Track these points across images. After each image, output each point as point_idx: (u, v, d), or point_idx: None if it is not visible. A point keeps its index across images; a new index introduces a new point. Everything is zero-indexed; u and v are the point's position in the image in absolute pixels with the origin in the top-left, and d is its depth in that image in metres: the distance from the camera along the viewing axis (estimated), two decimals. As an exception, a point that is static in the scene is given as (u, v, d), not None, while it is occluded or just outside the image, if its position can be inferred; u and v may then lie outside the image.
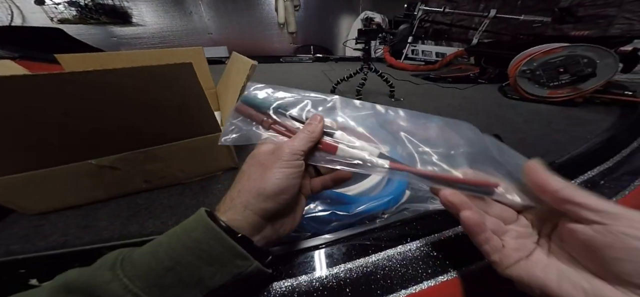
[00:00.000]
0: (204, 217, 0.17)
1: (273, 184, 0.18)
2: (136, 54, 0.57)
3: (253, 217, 0.18)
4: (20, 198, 0.34)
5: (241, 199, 0.18)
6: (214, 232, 0.16)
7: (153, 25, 2.07)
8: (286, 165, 0.18)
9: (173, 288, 0.15)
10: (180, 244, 0.16)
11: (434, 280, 0.21)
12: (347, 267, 0.22)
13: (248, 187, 0.18)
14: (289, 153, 0.19)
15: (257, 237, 0.18)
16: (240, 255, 0.16)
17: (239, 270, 0.16)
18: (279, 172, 0.18)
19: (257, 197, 0.18)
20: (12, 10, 1.60)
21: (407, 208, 0.32)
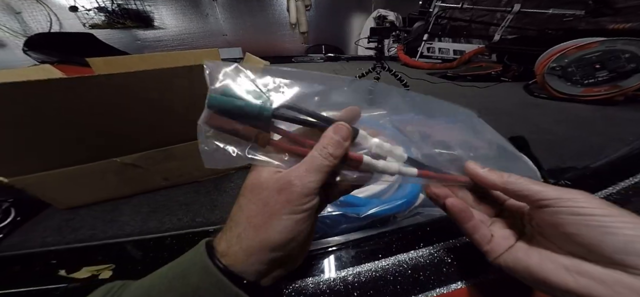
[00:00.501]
0: (204, 261, 0.14)
1: (280, 235, 0.15)
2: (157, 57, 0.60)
3: (259, 266, 0.15)
4: (55, 193, 0.37)
5: (241, 245, 0.15)
6: (215, 278, 0.14)
7: (173, 28, 2.18)
8: (298, 210, 0.15)
9: None
10: (178, 287, 0.14)
11: (446, 288, 0.20)
12: (355, 271, 0.22)
13: (250, 235, 0.15)
14: (301, 194, 0.15)
15: (265, 280, 0.16)
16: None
17: None
18: (288, 220, 0.15)
19: (260, 249, 0.15)
20: (51, 17, 1.75)
21: (421, 212, 0.31)
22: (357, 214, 0.26)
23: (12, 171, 0.32)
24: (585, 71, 0.77)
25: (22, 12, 1.67)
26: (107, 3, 1.84)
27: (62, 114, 0.30)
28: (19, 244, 0.32)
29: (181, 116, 0.36)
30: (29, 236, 0.34)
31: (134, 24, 1.98)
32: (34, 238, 0.33)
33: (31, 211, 0.38)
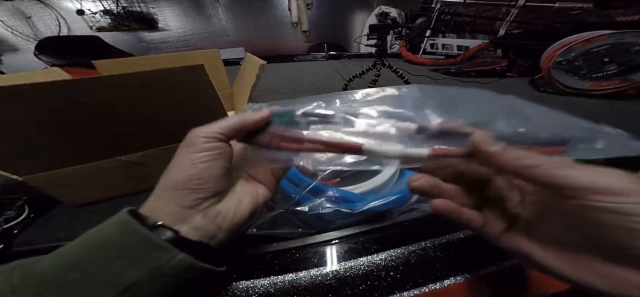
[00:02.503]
0: (121, 212, 0.15)
1: (179, 170, 0.17)
2: (160, 58, 0.62)
3: (172, 206, 0.16)
4: (66, 190, 0.38)
5: (157, 188, 0.17)
6: (126, 222, 0.15)
7: (177, 30, 2.21)
8: (197, 148, 0.17)
9: (76, 287, 0.13)
10: (91, 239, 0.15)
11: (439, 283, 0.21)
12: (348, 265, 0.22)
13: (160, 181, 0.17)
14: (200, 137, 0.17)
15: (184, 228, 0.16)
16: (157, 246, 0.14)
17: (157, 262, 0.14)
18: (185, 157, 0.17)
19: (165, 189, 0.17)
20: (59, 21, 1.80)
21: (417, 208, 0.31)
22: (352, 210, 0.26)
23: (25, 169, 0.34)
24: (593, 65, 0.75)
25: (32, 17, 1.72)
26: (113, 6, 1.88)
27: (72, 114, 0.31)
28: (33, 239, 0.34)
29: (183, 115, 0.37)
30: (41, 231, 0.35)
31: (139, 26, 2.02)
32: (47, 233, 0.35)
33: (43, 207, 0.39)
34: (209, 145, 0.17)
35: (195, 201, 0.17)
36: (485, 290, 0.21)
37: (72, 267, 0.13)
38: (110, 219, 0.16)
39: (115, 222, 0.15)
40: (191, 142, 0.18)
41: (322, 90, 0.93)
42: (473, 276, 0.21)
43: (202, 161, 0.17)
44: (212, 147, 0.18)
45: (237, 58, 1.57)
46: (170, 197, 0.16)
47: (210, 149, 0.17)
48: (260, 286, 0.21)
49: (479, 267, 0.22)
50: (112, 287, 0.13)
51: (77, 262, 0.14)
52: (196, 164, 0.17)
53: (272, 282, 0.21)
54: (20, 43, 1.75)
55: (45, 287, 0.13)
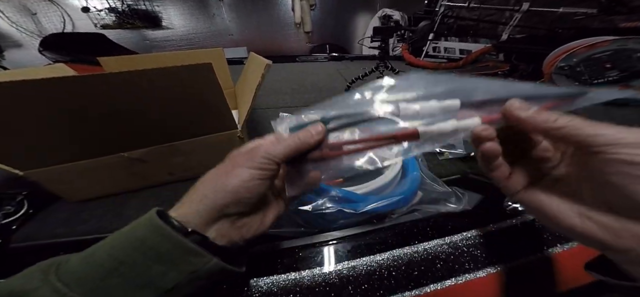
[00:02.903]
0: (151, 215, 0.16)
1: (236, 181, 0.17)
2: (164, 56, 0.62)
3: (207, 211, 0.17)
4: (66, 186, 0.38)
5: (198, 192, 0.17)
6: (160, 228, 0.15)
7: (180, 28, 2.22)
8: (256, 165, 0.18)
9: (118, 290, 0.14)
10: (125, 242, 0.15)
11: (440, 284, 0.21)
12: (350, 265, 0.22)
13: (210, 179, 0.18)
14: (262, 156, 0.18)
15: (212, 233, 0.17)
16: (193, 252, 0.15)
17: (193, 267, 0.15)
18: (246, 172, 0.17)
19: (215, 191, 0.17)
20: (64, 18, 1.81)
21: (418, 209, 0.31)
22: (355, 210, 0.26)
23: (26, 164, 0.34)
24: (594, 71, 0.75)
25: (38, 13, 1.74)
26: (118, 4, 1.90)
27: (74, 110, 0.31)
28: (31, 235, 0.34)
29: (186, 113, 0.38)
30: (40, 227, 0.35)
31: (143, 24, 2.03)
32: (45, 230, 0.35)
33: (43, 203, 0.40)
34: (268, 166, 0.18)
35: (236, 209, 0.18)
36: (487, 290, 0.21)
37: (111, 272, 0.14)
38: (139, 220, 0.16)
39: (147, 225, 0.15)
40: (254, 156, 0.18)
41: (324, 92, 0.93)
42: (474, 276, 0.21)
43: (259, 178, 0.18)
44: (270, 168, 0.18)
45: (239, 57, 1.57)
46: (211, 198, 0.17)
47: (268, 169, 0.18)
48: (263, 284, 0.21)
49: (480, 268, 0.22)
50: (151, 291, 0.14)
51: (116, 268, 0.14)
52: (255, 179, 0.17)
53: (275, 280, 0.21)
54: (24, 39, 1.76)
55: (90, 291, 0.13)
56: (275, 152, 0.18)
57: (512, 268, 0.23)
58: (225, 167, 0.18)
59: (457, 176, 0.41)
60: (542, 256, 0.25)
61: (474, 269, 0.22)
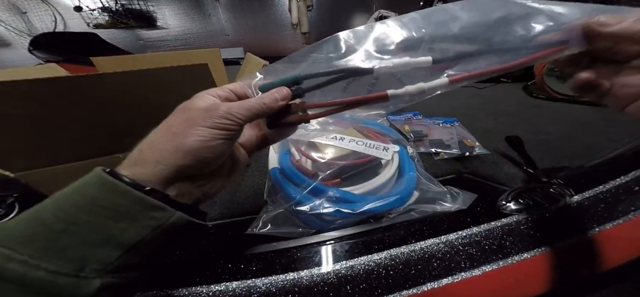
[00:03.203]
0: (99, 174, 0.15)
1: (195, 141, 0.16)
2: (160, 56, 0.61)
3: (165, 172, 0.16)
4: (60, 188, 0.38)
5: (153, 153, 0.16)
6: (113, 186, 0.14)
7: (175, 28, 2.20)
8: (217, 125, 0.17)
9: (74, 249, 0.13)
10: (71, 204, 0.14)
11: (437, 282, 0.21)
12: (348, 265, 0.22)
13: (165, 140, 0.16)
14: (224, 115, 0.17)
15: (173, 192, 0.16)
16: (155, 206, 0.15)
17: (157, 222, 0.15)
18: (206, 131, 0.16)
19: (174, 152, 0.16)
20: (56, 17, 1.77)
21: (415, 209, 0.31)
22: (352, 210, 0.26)
23: (17, 166, 0.33)
24: (584, 72, 0.77)
25: (28, 12, 1.70)
26: (111, 3, 1.87)
27: (68, 111, 0.31)
28: (24, 237, 0.33)
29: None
30: (34, 229, 0.35)
31: (137, 24, 2.00)
32: (39, 232, 0.34)
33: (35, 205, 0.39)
34: (231, 126, 0.17)
35: (197, 170, 0.17)
36: (483, 288, 0.21)
37: (61, 232, 0.13)
38: (82, 179, 0.15)
39: (97, 185, 0.15)
40: (213, 114, 0.17)
41: (321, 92, 0.93)
42: (470, 275, 0.22)
43: (221, 138, 0.17)
44: (233, 129, 0.17)
45: (236, 58, 1.57)
46: (169, 160, 0.16)
47: (230, 130, 0.17)
48: (261, 284, 0.21)
49: (477, 266, 0.22)
50: (112, 247, 0.14)
51: (65, 229, 0.13)
52: (216, 140, 0.16)
53: (274, 281, 0.21)
54: (12, 38, 1.71)
55: (39, 251, 0.13)
56: (239, 114, 0.17)
57: (506, 266, 0.24)
58: (180, 124, 0.17)
59: (452, 175, 0.42)
60: (537, 254, 0.25)
61: (470, 267, 0.23)
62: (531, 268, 0.25)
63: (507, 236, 0.27)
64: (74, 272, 0.13)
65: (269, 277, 0.21)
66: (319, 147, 0.36)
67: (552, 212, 0.29)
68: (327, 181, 0.30)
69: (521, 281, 0.24)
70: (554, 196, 0.31)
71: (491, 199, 0.31)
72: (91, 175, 0.15)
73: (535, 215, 0.29)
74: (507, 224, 0.28)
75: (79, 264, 0.13)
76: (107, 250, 0.14)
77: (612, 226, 0.28)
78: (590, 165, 0.41)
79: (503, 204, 0.30)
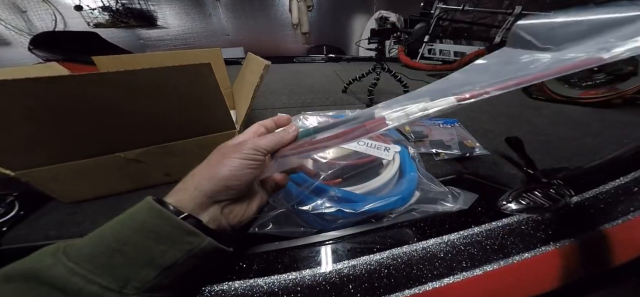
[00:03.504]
0: (149, 201, 0.18)
1: (228, 169, 0.19)
2: (160, 55, 0.61)
3: (201, 197, 0.19)
4: (59, 187, 0.38)
5: (194, 181, 0.19)
6: (159, 212, 0.17)
7: (175, 28, 2.20)
8: (244, 156, 0.20)
9: (123, 268, 0.15)
10: (126, 227, 0.17)
11: (439, 282, 0.21)
12: (350, 264, 0.22)
13: (204, 170, 0.20)
14: (250, 148, 0.20)
15: (205, 218, 0.19)
16: (190, 232, 0.17)
17: (190, 246, 0.17)
18: (236, 161, 0.20)
19: (209, 179, 0.19)
20: (56, 16, 1.77)
21: (416, 209, 0.31)
22: (354, 210, 0.26)
23: (17, 164, 0.33)
24: (583, 73, 0.78)
25: (28, 11, 1.69)
26: (112, 2, 1.86)
27: (69, 110, 0.31)
28: (22, 237, 0.33)
29: (183, 113, 0.37)
30: (32, 229, 0.34)
31: (137, 23, 2.00)
32: (37, 231, 0.34)
33: (35, 204, 0.38)
34: (256, 157, 0.21)
35: (226, 196, 0.20)
36: (484, 288, 0.21)
37: (116, 252, 0.15)
38: (136, 206, 0.18)
39: (147, 210, 0.17)
40: (242, 148, 0.20)
41: (321, 93, 0.94)
42: (472, 274, 0.22)
43: (248, 167, 0.20)
44: (258, 159, 0.21)
45: (236, 57, 1.57)
46: (204, 186, 0.19)
47: (256, 160, 0.20)
48: (264, 284, 0.21)
49: (478, 265, 0.23)
50: (151, 268, 0.16)
51: (120, 248, 0.15)
52: (243, 168, 0.20)
53: (276, 280, 0.21)
54: (12, 37, 1.71)
55: (97, 268, 0.15)
56: (262, 145, 0.21)
57: (507, 266, 0.24)
58: (216, 158, 0.20)
59: (452, 176, 0.42)
60: (537, 253, 0.25)
61: (472, 267, 0.23)
62: (532, 268, 0.25)
63: (508, 235, 0.27)
64: (118, 288, 0.15)
65: (272, 276, 0.21)
66: (321, 147, 0.36)
67: (552, 212, 0.29)
68: (328, 181, 0.30)
69: (522, 281, 0.24)
70: (554, 197, 0.31)
71: (492, 200, 0.31)
72: (143, 202, 0.18)
73: (535, 215, 0.29)
74: (508, 224, 0.28)
75: (124, 282, 0.15)
76: (147, 270, 0.16)
77: (611, 226, 0.28)
78: (589, 166, 0.41)
79: (504, 204, 0.31)
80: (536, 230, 0.28)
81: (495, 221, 0.28)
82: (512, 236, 0.27)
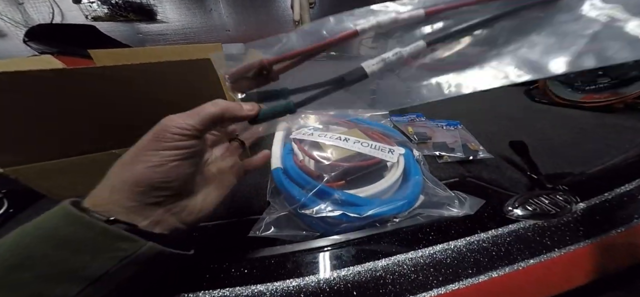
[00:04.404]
0: (65, 207, 0.14)
1: (141, 168, 0.15)
2: (160, 50, 0.60)
3: (125, 201, 0.15)
4: (51, 184, 0.37)
5: (107, 184, 0.16)
6: (77, 218, 0.14)
7: (175, 22, 2.17)
8: (167, 146, 0.16)
9: (28, 285, 0.12)
10: (31, 237, 0.14)
11: (444, 288, 0.20)
12: (355, 270, 0.22)
13: (116, 171, 0.16)
14: (173, 133, 0.16)
15: (142, 222, 0.16)
16: (121, 237, 0.14)
17: (124, 253, 0.14)
18: (154, 156, 0.15)
19: (123, 182, 0.15)
20: (53, 9, 1.74)
21: (421, 213, 0.31)
22: (359, 214, 0.26)
23: (7, 160, 0.32)
24: (587, 77, 0.77)
25: (24, 3, 1.66)
26: (110, -5, 1.83)
27: (61, 105, 0.30)
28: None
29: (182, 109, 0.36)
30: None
31: (137, 17, 1.97)
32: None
33: (25, 202, 0.37)
34: (183, 144, 0.16)
35: (159, 199, 0.16)
36: (490, 294, 0.21)
37: (15, 267, 0.12)
38: (47, 213, 0.15)
39: (60, 216, 0.14)
40: (161, 135, 0.16)
41: (322, 91, 0.93)
42: (477, 280, 0.21)
43: (173, 159, 0.16)
44: (186, 146, 0.16)
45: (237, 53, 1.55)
46: (128, 192, 0.15)
47: (183, 148, 0.16)
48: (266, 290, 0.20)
49: (484, 272, 0.22)
50: (74, 282, 0.13)
51: (21, 263, 0.13)
52: (165, 163, 0.16)
53: (278, 287, 0.20)
54: (8, 29, 1.68)
55: None
56: (188, 123, 0.16)
57: (512, 272, 0.24)
58: (130, 154, 0.16)
59: (455, 179, 0.41)
60: (542, 260, 0.25)
61: (477, 273, 0.22)
62: (539, 274, 0.24)
63: (515, 242, 0.26)
64: None
65: (274, 283, 0.20)
66: (323, 148, 0.35)
67: (559, 219, 0.29)
68: (331, 183, 0.29)
69: (529, 287, 0.24)
70: (560, 203, 0.30)
71: (497, 205, 0.31)
72: (57, 208, 0.15)
73: (542, 221, 0.28)
74: (514, 231, 0.27)
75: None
76: (68, 285, 0.13)
77: (617, 232, 0.28)
78: (593, 171, 0.40)
79: (510, 210, 0.30)
80: (542, 236, 0.27)
81: (502, 227, 0.27)
82: (519, 242, 0.26)
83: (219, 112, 0.18)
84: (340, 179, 0.31)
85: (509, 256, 0.25)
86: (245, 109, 0.19)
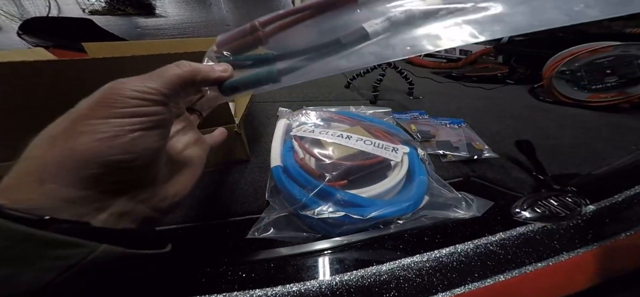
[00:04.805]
0: None
1: (91, 141, 0.11)
2: (156, 43, 0.58)
3: (68, 191, 0.11)
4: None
5: (33, 162, 0.11)
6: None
7: (174, 17, 2.14)
8: (121, 113, 0.12)
9: None
10: None
11: (451, 292, 0.20)
12: (359, 274, 0.21)
13: (41, 152, 0.11)
14: (128, 95, 0.12)
15: (102, 216, 0.12)
16: (57, 243, 0.10)
17: (67, 262, 0.10)
18: (105, 123, 0.11)
19: (59, 165, 0.11)
20: (50, 2, 1.71)
21: (425, 215, 0.30)
22: (362, 216, 0.25)
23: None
24: (593, 76, 0.76)
25: (20, -6, 1.63)
26: (108, -12, 1.80)
27: (51, 98, 0.28)
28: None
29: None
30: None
31: (135, 11, 1.94)
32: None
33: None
34: (145, 110, 0.12)
35: (119, 184, 0.12)
36: None
37: None
38: None
39: None
40: (110, 99, 0.12)
41: (323, 87, 0.91)
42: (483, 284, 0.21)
43: (132, 129, 0.12)
44: (149, 113, 0.13)
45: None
46: (71, 177, 0.11)
47: (145, 115, 0.12)
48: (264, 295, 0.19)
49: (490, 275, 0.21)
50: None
51: None
52: (122, 135, 0.12)
53: (279, 292, 0.20)
54: (3, 22, 1.65)
55: None
56: (149, 86, 0.13)
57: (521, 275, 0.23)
58: (60, 124, 0.12)
59: (460, 179, 0.40)
60: (551, 263, 0.24)
61: (484, 276, 0.21)
62: (547, 278, 0.24)
63: (523, 245, 0.25)
64: None
65: (274, 287, 0.19)
66: (325, 145, 0.34)
67: (568, 221, 0.28)
68: (333, 183, 0.28)
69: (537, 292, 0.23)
70: (570, 205, 0.29)
71: (503, 206, 0.30)
72: None
73: (550, 224, 0.28)
74: (523, 233, 0.26)
75: None
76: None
77: (627, 235, 0.27)
78: (601, 173, 0.40)
79: (517, 211, 0.29)
80: (551, 239, 0.26)
81: (510, 230, 0.26)
82: (527, 245, 0.25)
83: (188, 74, 0.15)
84: (343, 178, 0.30)
85: (517, 259, 0.24)
86: (217, 71, 0.16)
